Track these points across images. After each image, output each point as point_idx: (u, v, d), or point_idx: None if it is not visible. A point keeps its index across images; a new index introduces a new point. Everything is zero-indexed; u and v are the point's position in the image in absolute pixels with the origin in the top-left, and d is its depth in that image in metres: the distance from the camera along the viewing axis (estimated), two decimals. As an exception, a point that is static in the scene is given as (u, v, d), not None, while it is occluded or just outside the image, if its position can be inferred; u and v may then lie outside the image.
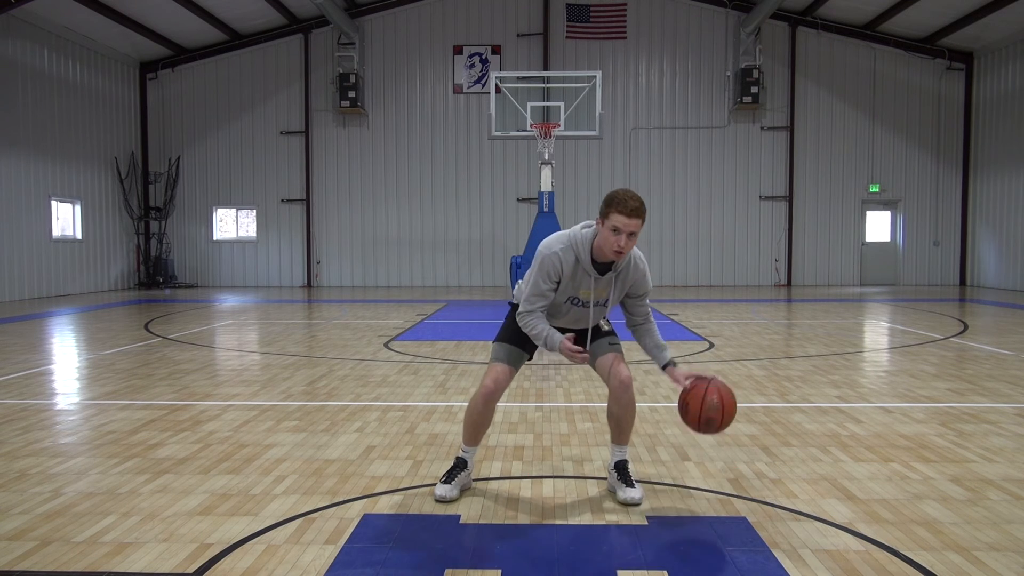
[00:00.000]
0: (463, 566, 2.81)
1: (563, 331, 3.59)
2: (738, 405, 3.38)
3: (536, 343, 3.51)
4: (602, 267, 3.40)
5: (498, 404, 5.45)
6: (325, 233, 20.63)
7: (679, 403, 3.38)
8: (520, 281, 3.63)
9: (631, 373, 3.55)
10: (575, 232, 3.41)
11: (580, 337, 3.58)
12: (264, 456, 4.24)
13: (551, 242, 3.42)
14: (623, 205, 3.21)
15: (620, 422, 3.55)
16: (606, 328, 3.66)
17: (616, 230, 3.22)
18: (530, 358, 3.70)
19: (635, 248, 3.41)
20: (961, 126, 20.01)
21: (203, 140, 20.61)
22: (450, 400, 5.73)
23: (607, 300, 3.50)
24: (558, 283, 3.40)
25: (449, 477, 3.55)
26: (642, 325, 3.59)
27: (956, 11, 17.69)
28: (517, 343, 3.58)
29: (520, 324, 3.48)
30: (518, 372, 3.67)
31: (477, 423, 3.57)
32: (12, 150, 15.67)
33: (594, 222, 3.40)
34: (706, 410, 3.26)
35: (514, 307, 3.65)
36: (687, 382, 3.37)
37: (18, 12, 15.35)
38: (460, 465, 3.59)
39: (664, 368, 3.50)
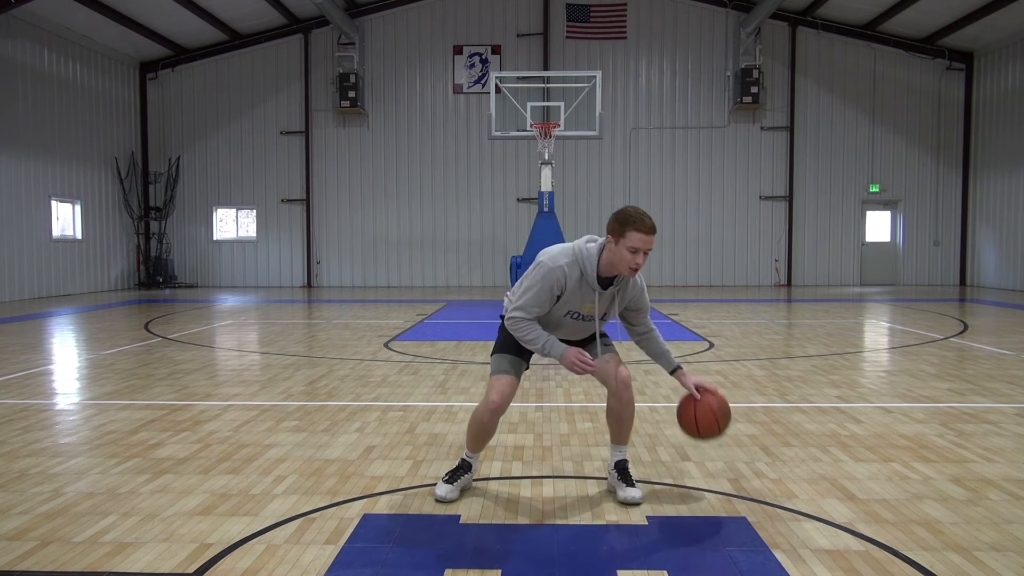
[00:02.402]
0: (463, 566, 2.81)
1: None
2: (729, 408, 3.55)
3: (530, 348, 3.44)
4: (604, 282, 3.41)
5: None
6: (325, 233, 20.64)
7: (682, 411, 3.57)
8: (508, 292, 3.62)
9: (630, 372, 3.57)
10: (580, 247, 3.39)
11: (586, 349, 3.61)
12: (264, 456, 4.24)
13: (556, 255, 3.38)
14: (641, 223, 3.23)
15: (620, 421, 3.55)
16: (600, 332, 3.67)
17: (635, 250, 3.24)
18: (527, 366, 3.69)
19: None
20: (961, 126, 20.01)
21: (203, 140, 20.61)
22: (450, 400, 5.73)
23: (605, 314, 3.52)
24: (559, 297, 3.39)
25: (452, 478, 3.55)
26: (645, 335, 3.63)
27: (956, 11, 17.69)
28: (516, 352, 3.54)
29: (512, 329, 3.42)
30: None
31: (482, 435, 3.56)
32: (12, 150, 15.67)
33: (597, 237, 3.44)
34: (704, 429, 3.52)
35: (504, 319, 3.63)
36: (695, 388, 3.51)
37: (18, 12, 15.35)
38: (464, 468, 3.59)
39: (673, 373, 3.58)
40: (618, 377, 3.48)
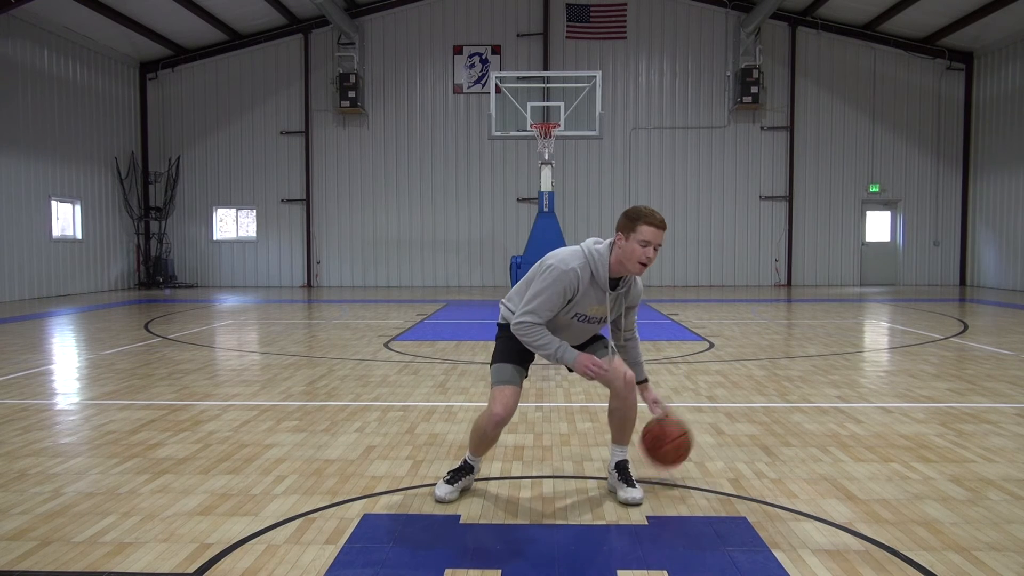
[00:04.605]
0: (463, 566, 2.81)
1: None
2: (690, 442, 3.63)
3: (540, 353, 3.39)
4: (612, 283, 3.41)
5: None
6: (325, 233, 20.64)
7: (649, 437, 3.61)
8: (505, 300, 3.60)
9: (634, 374, 3.56)
10: (590, 248, 3.38)
11: (589, 351, 3.62)
12: (264, 456, 4.24)
13: (567, 258, 3.34)
14: (652, 217, 3.27)
15: (623, 422, 3.55)
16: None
17: (646, 243, 3.25)
18: (527, 374, 3.64)
19: None
20: (961, 126, 20.01)
21: (203, 140, 20.61)
22: (450, 400, 5.73)
23: (606, 315, 3.50)
24: (570, 300, 3.35)
25: (453, 478, 3.53)
26: (629, 341, 3.67)
27: (956, 11, 17.69)
28: (517, 361, 3.51)
29: (522, 333, 3.34)
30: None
31: (484, 443, 3.53)
32: (12, 150, 15.67)
33: (601, 239, 3.44)
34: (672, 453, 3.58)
35: (502, 327, 3.58)
36: (656, 408, 3.63)
37: (18, 12, 15.35)
38: (466, 470, 3.58)
39: (638, 384, 3.63)
40: (625, 378, 3.47)
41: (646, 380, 3.70)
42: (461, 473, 3.56)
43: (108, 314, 13.00)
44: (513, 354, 3.50)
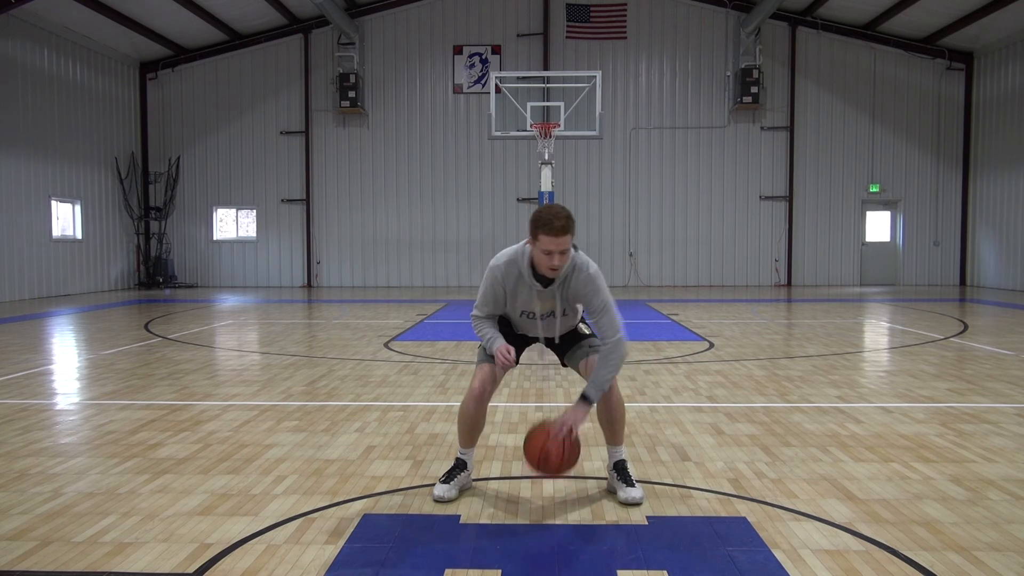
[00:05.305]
0: (463, 566, 2.81)
1: (531, 340, 3.74)
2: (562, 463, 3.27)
3: (483, 344, 3.59)
4: (546, 280, 3.43)
5: (499, 404, 5.48)
6: (325, 233, 20.63)
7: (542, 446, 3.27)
8: None
9: None
10: (521, 246, 3.47)
11: (548, 345, 3.71)
12: (264, 456, 4.24)
13: (500, 255, 3.51)
14: (550, 227, 3.19)
15: (611, 422, 3.56)
16: (586, 332, 3.70)
17: (548, 252, 3.25)
18: (516, 362, 3.58)
19: (582, 256, 3.43)
20: (961, 126, 20.01)
21: (203, 140, 20.61)
22: (450, 400, 5.73)
23: (553, 311, 3.51)
24: (506, 296, 3.49)
25: (448, 477, 3.55)
26: (597, 348, 3.48)
27: (956, 11, 17.69)
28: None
29: (473, 327, 3.62)
30: (506, 373, 3.68)
31: (471, 426, 3.59)
32: (12, 150, 15.67)
33: None
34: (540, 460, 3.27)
35: None
36: (566, 432, 3.25)
37: (18, 12, 15.35)
38: (460, 466, 3.60)
39: (579, 399, 3.35)
40: None
41: (586, 398, 3.31)
42: (455, 471, 3.58)
43: (108, 314, 12.99)
44: None
